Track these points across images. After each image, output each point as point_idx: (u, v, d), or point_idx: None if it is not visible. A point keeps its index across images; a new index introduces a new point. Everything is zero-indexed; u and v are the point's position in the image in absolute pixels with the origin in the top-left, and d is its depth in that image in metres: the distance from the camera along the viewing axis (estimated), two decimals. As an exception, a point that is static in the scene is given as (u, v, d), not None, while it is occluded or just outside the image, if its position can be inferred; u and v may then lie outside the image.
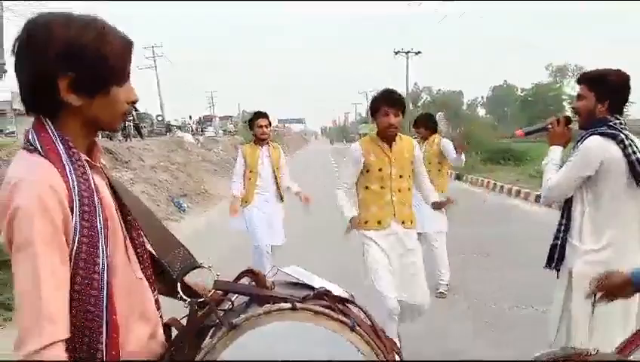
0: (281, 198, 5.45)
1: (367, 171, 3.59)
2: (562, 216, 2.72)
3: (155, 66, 47.12)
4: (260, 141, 5.38)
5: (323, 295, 1.23)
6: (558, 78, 78.31)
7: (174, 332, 1.30)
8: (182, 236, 1.42)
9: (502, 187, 15.49)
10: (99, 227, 1.12)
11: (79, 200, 1.10)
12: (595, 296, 1.90)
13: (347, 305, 1.25)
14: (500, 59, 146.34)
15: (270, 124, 5.53)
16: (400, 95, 3.69)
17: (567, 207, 2.69)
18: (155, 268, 1.34)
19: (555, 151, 2.77)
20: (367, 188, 3.62)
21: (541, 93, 65.21)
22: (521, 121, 66.71)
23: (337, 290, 1.30)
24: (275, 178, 5.37)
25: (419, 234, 4.06)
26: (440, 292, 5.40)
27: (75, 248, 1.09)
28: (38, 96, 1.15)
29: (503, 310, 5.10)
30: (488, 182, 16.53)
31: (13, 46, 1.15)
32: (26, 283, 1.04)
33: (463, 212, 5.32)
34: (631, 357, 1.52)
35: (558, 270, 2.70)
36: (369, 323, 1.24)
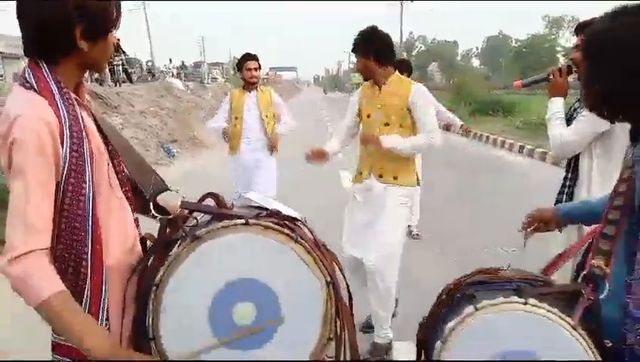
0: (271, 148, 5.14)
1: (361, 119, 3.40)
2: (568, 170, 2.70)
3: (145, 11, 46.00)
4: (249, 85, 5.09)
5: (274, 214, 1.46)
6: (554, 29, 77.19)
7: (150, 245, 1.54)
8: (170, 179, 1.62)
9: (487, 137, 15.74)
10: (85, 156, 1.34)
11: (69, 133, 1.31)
12: (526, 229, 2.03)
13: (296, 223, 1.49)
14: (496, 8, 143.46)
15: (260, 67, 5.18)
16: (357, 38, 3.29)
17: (573, 160, 2.67)
18: (134, 190, 1.57)
19: (557, 103, 2.68)
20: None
21: (536, 45, 64.52)
22: (514, 73, 66.19)
23: (291, 212, 1.53)
24: (264, 126, 5.09)
25: None
26: (415, 234, 5.70)
27: (64, 174, 1.30)
28: (50, 42, 1.33)
29: (474, 251, 5.42)
30: (471, 130, 16.71)
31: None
32: (17, 200, 1.26)
33: (448, 161, 5.51)
34: (553, 277, 1.58)
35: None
36: (313, 239, 1.47)
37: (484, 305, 1.29)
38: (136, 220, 1.58)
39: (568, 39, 74.37)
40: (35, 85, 1.32)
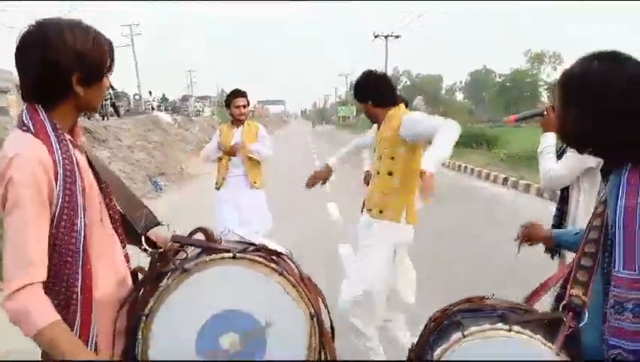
0: (255, 183, 5.06)
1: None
2: (559, 203, 2.84)
3: (133, 45, 46.48)
4: (237, 121, 5.07)
5: (260, 248, 1.51)
6: (535, 64, 79.23)
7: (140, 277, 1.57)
8: (158, 213, 1.68)
9: (472, 170, 15.96)
10: (78, 194, 1.40)
11: (63, 172, 1.37)
12: (520, 239, 2.14)
13: (282, 258, 1.53)
14: (480, 43, 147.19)
15: (248, 103, 5.17)
16: (355, 86, 3.49)
17: (563, 194, 2.81)
18: (125, 226, 1.62)
19: (549, 138, 2.77)
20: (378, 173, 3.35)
21: (518, 79, 66.11)
22: (498, 106, 67.76)
23: (277, 247, 1.58)
24: (243, 160, 5.01)
25: None
26: None
27: (57, 211, 1.36)
28: (48, 88, 1.41)
29: (464, 284, 5.45)
30: (458, 164, 16.98)
31: (22, 43, 1.40)
32: (13, 235, 1.32)
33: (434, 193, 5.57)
34: (535, 306, 1.60)
35: (559, 256, 2.74)
36: (298, 272, 1.52)
37: (471, 332, 1.34)
38: (126, 256, 1.64)
39: (550, 74, 76.33)
40: (32, 128, 1.39)
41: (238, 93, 5.07)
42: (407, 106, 4.87)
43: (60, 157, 1.38)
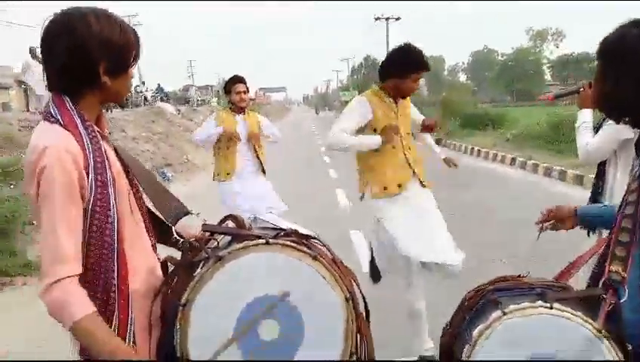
0: (263, 171, 5.06)
1: (375, 130, 3.27)
2: (596, 178, 2.88)
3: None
4: (237, 109, 4.96)
5: (291, 233, 1.49)
6: (538, 42, 78.62)
7: (170, 268, 1.57)
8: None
9: (479, 151, 15.90)
10: (109, 185, 1.39)
11: (93, 164, 1.36)
12: (542, 224, 2.06)
13: (312, 241, 1.52)
14: (481, 23, 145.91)
15: (248, 89, 5.09)
16: (423, 55, 3.37)
17: (600, 169, 2.84)
18: (152, 219, 1.61)
19: (586, 114, 2.81)
20: (376, 150, 3.25)
21: (521, 58, 65.61)
22: (500, 86, 67.44)
23: (304, 231, 1.57)
24: (255, 149, 4.98)
25: None
26: None
27: (90, 203, 1.35)
28: (75, 78, 1.39)
29: (476, 264, 5.45)
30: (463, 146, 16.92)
31: (46, 33, 1.38)
32: (47, 229, 1.32)
33: (441, 175, 5.59)
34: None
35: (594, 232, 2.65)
36: (330, 254, 1.51)
37: (511, 310, 1.33)
38: (154, 246, 1.62)
39: (553, 51, 75.77)
40: (60, 119, 1.37)
41: (237, 79, 4.96)
42: None
43: (90, 149, 1.36)
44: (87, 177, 1.34)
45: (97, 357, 1.35)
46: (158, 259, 1.61)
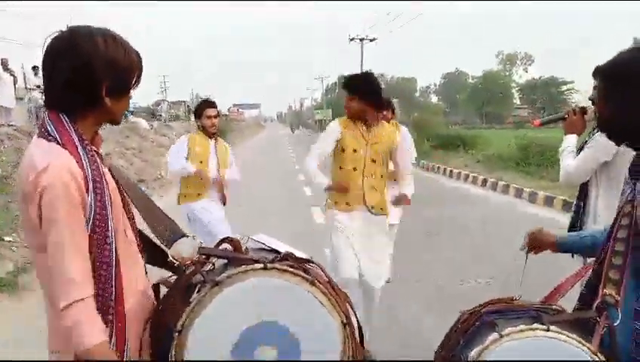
0: (224, 202, 5.03)
1: (343, 151, 3.56)
2: (578, 199, 2.96)
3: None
4: (209, 133, 4.89)
5: (288, 257, 1.49)
6: (507, 65, 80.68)
7: (162, 291, 1.54)
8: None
9: (451, 172, 16.15)
10: (107, 205, 1.37)
11: (92, 184, 1.34)
12: (527, 249, 2.09)
13: (308, 264, 1.52)
14: (452, 46, 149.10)
15: (219, 114, 5.05)
16: (348, 79, 3.69)
17: (582, 191, 2.91)
18: (142, 239, 1.59)
19: (570, 139, 2.92)
20: (340, 168, 3.59)
21: (491, 81, 67.12)
22: (471, 108, 68.85)
23: (298, 253, 1.57)
24: (219, 178, 4.90)
25: None
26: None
27: (90, 223, 1.33)
28: (77, 95, 1.37)
29: (449, 285, 5.50)
30: (439, 167, 17.17)
31: (51, 49, 1.37)
32: (54, 252, 1.30)
33: (415, 196, 5.66)
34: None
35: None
36: (326, 279, 1.51)
37: (508, 332, 1.34)
38: (144, 267, 1.59)
39: (522, 75, 77.83)
40: (58, 138, 1.35)
41: (208, 104, 4.94)
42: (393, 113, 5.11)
43: (89, 169, 1.35)
44: (88, 197, 1.33)
45: None
46: (148, 281, 1.59)
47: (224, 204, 5.04)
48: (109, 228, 1.36)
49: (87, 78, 1.36)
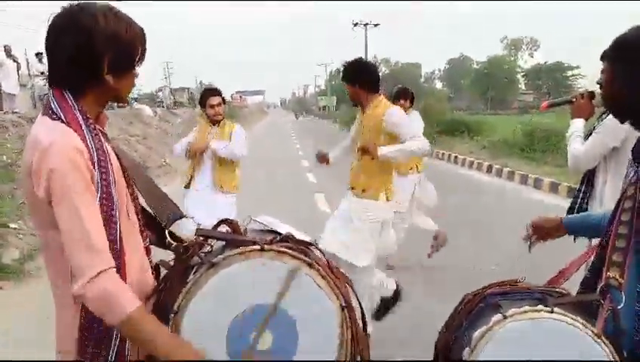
0: (221, 187, 4.84)
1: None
2: (582, 184, 2.91)
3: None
4: (213, 121, 4.85)
5: (287, 238, 1.47)
6: (512, 50, 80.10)
7: (162, 272, 1.53)
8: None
9: (456, 158, 16.09)
10: (112, 183, 1.36)
11: (97, 162, 1.33)
12: (530, 238, 2.07)
13: (308, 247, 1.50)
14: (457, 31, 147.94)
15: (224, 101, 4.98)
16: (348, 65, 3.85)
17: (589, 175, 2.89)
18: (149, 221, 1.58)
19: (577, 124, 2.88)
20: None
21: (496, 66, 66.63)
22: (475, 94, 68.49)
23: (300, 235, 1.55)
24: (215, 163, 4.80)
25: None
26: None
27: (97, 201, 1.32)
28: (78, 73, 1.36)
29: (455, 271, 5.50)
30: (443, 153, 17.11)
31: (52, 26, 1.36)
32: (72, 225, 1.27)
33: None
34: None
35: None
36: (326, 262, 1.49)
37: (512, 313, 1.33)
38: (147, 248, 1.58)
39: (527, 60, 77.29)
40: (62, 116, 1.34)
41: (211, 92, 4.90)
42: (412, 102, 5.45)
43: (94, 148, 1.34)
44: (95, 174, 1.32)
45: (148, 351, 1.32)
46: (151, 261, 1.57)
47: (220, 189, 4.83)
48: (115, 206, 1.35)
49: (88, 53, 1.34)
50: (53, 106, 1.36)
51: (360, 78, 3.72)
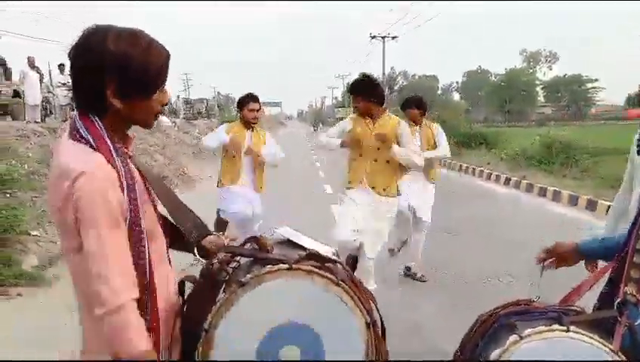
0: (260, 187, 5.26)
1: (352, 141, 4.35)
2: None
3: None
4: (249, 125, 5.17)
5: (313, 256, 1.49)
6: (531, 63, 79.56)
7: (188, 287, 1.56)
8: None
9: (474, 170, 16.00)
10: (140, 208, 1.36)
11: (127, 186, 1.32)
12: (543, 261, 2.00)
13: (335, 264, 1.52)
14: (475, 44, 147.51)
15: (260, 107, 5.32)
16: (355, 82, 4.49)
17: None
18: (169, 228, 1.58)
19: None
20: (351, 156, 4.42)
21: (514, 79, 66.23)
22: (493, 106, 68.10)
23: (324, 249, 1.58)
24: (254, 167, 5.18)
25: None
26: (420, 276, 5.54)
27: (127, 226, 1.32)
28: (88, 96, 1.35)
29: (472, 283, 5.46)
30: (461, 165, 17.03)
31: (71, 50, 1.34)
32: (98, 255, 1.26)
33: (438, 194, 5.68)
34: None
35: None
36: (350, 278, 1.52)
37: (528, 334, 1.33)
38: (169, 261, 1.59)
39: (546, 73, 76.69)
40: (91, 140, 1.33)
41: (252, 98, 5.18)
42: (424, 112, 5.66)
43: (123, 173, 1.33)
44: (124, 200, 1.32)
45: None
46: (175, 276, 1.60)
47: (260, 189, 5.23)
48: (143, 229, 1.36)
49: (91, 75, 1.32)
50: (81, 131, 1.34)
51: (374, 94, 4.32)
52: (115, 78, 1.32)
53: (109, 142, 1.34)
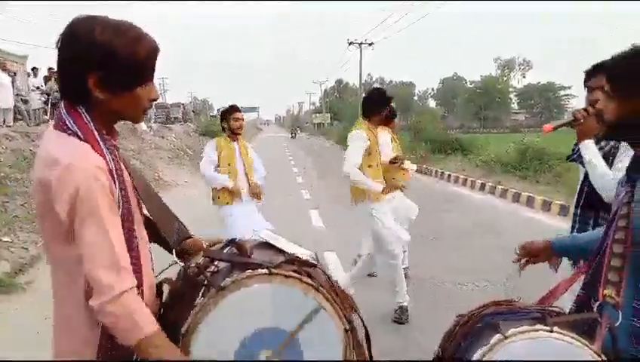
0: (257, 197, 5.25)
1: (369, 153, 4.47)
2: (586, 209, 2.72)
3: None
4: (234, 135, 5.18)
5: (293, 261, 1.49)
6: (505, 70, 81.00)
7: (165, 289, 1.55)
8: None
9: (449, 176, 16.17)
10: (130, 199, 1.36)
11: (117, 177, 1.32)
12: (520, 261, 2.08)
13: (314, 269, 1.52)
14: (450, 51, 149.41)
15: (243, 117, 5.36)
16: (383, 97, 4.81)
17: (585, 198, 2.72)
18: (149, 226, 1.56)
19: (591, 147, 2.58)
20: (369, 166, 4.49)
21: (489, 86, 67.31)
22: (468, 113, 69.08)
23: (304, 253, 1.58)
24: (247, 176, 5.19)
25: None
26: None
27: (120, 215, 1.32)
28: (74, 86, 1.32)
29: (448, 286, 5.51)
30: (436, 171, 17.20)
31: (58, 41, 1.32)
32: (97, 244, 1.26)
33: (413, 199, 5.74)
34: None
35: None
36: (329, 283, 1.51)
37: (512, 333, 1.34)
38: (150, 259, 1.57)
39: (520, 80, 78.13)
40: (77, 131, 1.31)
41: (236, 109, 5.28)
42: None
43: (112, 163, 1.32)
44: (115, 191, 1.31)
45: None
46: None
47: (259, 199, 5.29)
48: (134, 221, 1.36)
49: (75, 66, 1.30)
50: (67, 122, 1.32)
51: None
52: (101, 68, 1.30)
53: (96, 133, 1.33)
